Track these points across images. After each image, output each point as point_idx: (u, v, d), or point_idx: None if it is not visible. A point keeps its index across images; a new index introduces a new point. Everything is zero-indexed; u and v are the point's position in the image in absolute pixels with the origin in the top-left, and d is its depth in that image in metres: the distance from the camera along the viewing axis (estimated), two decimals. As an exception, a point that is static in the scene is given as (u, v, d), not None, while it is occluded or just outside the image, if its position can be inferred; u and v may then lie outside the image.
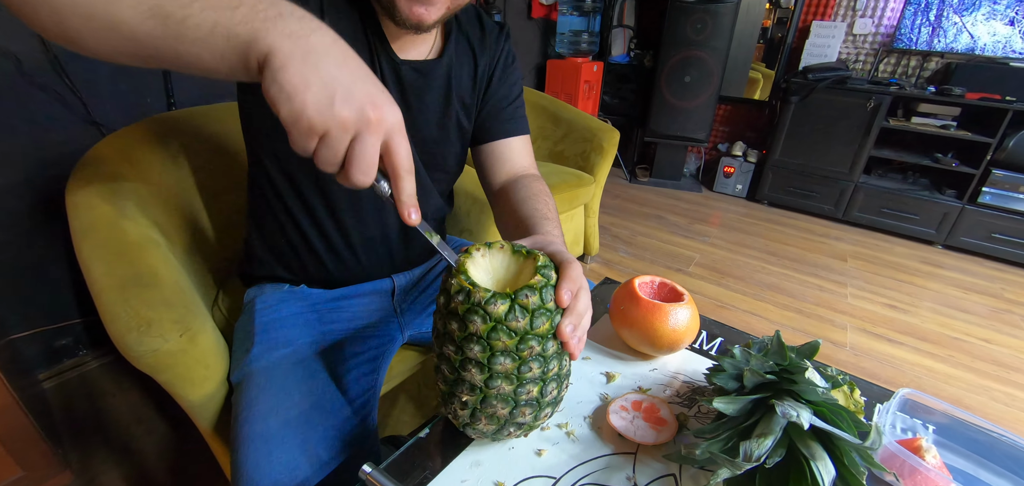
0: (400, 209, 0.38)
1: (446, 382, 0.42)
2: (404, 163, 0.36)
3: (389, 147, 0.35)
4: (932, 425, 0.50)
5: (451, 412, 0.43)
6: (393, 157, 0.36)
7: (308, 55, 0.32)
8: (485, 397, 0.39)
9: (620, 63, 3.18)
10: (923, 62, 2.51)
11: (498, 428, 0.42)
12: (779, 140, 2.69)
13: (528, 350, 0.38)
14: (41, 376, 1.23)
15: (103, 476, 1.02)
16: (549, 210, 0.60)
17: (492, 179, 0.72)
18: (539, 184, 0.66)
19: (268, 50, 0.31)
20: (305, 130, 0.32)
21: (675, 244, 2.33)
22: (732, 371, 0.44)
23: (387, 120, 0.34)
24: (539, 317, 0.38)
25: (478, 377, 0.38)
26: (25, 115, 1.05)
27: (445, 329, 0.40)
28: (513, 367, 0.38)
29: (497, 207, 0.70)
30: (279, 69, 0.31)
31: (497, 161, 0.71)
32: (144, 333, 0.53)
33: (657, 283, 0.60)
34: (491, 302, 0.36)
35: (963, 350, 1.66)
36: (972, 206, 2.29)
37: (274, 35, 0.31)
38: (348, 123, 0.32)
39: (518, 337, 0.37)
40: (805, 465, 0.34)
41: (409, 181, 0.37)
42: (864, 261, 2.27)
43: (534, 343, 0.38)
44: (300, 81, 0.31)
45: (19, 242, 1.12)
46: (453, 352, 0.39)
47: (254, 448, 0.50)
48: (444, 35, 0.65)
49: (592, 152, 1.72)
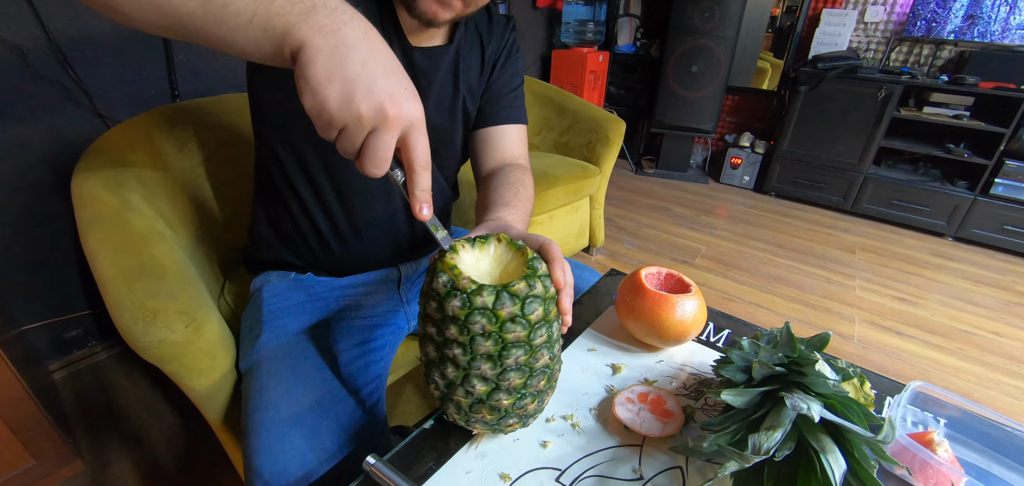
0: (412, 202, 0.39)
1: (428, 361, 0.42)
2: (420, 158, 0.37)
3: (407, 142, 0.36)
4: (943, 418, 0.49)
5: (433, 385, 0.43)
6: (410, 152, 0.37)
7: (336, 49, 0.33)
8: (466, 375, 0.39)
9: (626, 53, 3.15)
10: (936, 50, 2.46)
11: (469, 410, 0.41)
12: (787, 131, 2.65)
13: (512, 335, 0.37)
14: (51, 367, 1.25)
15: (114, 465, 1.04)
16: (516, 197, 0.61)
17: (482, 165, 0.72)
18: (519, 173, 0.67)
19: (300, 43, 0.33)
20: (325, 123, 0.34)
21: (681, 236, 2.32)
22: (740, 363, 0.44)
23: (404, 116, 0.35)
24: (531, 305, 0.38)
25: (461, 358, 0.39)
26: (30, 107, 1.06)
27: (426, 311, 0.40)
28: (495, 349, 0.38)
29: (478, 193, 0.71)
30: (307, 62, 0.32)
31: (490, 147, 0.71)
32: (150, 324, 0.53)
33: (664, 274, 0.60)
34: (476, 292, 0.36)
35: (973, 343, 1.64)
36: (984, 198, 2.25)
37: (306, 29, 0.33)
38: (364, 119, 0.34)
39: (498, 323, 0.37)
40: (815, 458, 0.34)
41: (424, 176, 0.38)
42: (873, 253, 2.24)
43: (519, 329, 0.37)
44: (324, 76, 0.32)
45: (27, 234, 1.13)
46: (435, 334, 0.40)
47: (264, 438, 0.50)
48: (453, 25, 0.66)
49: (598, 143, 1.70)
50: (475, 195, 1.20)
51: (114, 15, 0.35)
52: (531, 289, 0.38)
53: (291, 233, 0.70)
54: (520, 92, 0.74)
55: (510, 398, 0.40)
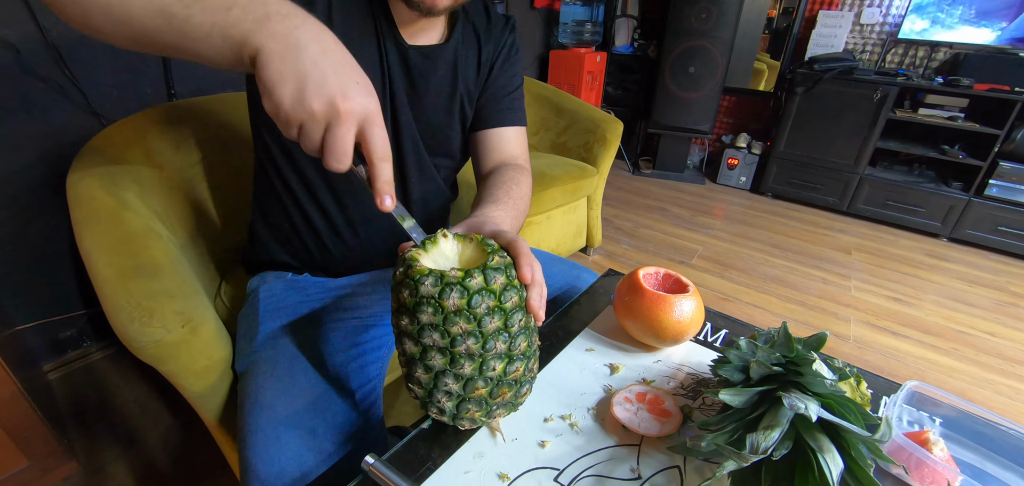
0: (375, 195, 0.39)
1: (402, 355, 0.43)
2: (378, 150, 0.38)
3: (364, 134, 0.37)
4: (939, 418, 0.49)
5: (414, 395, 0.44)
6: (368, 144, 0.38)
7: (288, 51, 0.34)
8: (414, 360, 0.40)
9: (624, 53, 3.15)
10: (931, 52, 2.48)
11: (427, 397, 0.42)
12: (784, 132, 2.66)
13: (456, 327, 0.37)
14: (46, 367, 1.24)
15: (109, 466, 1.03)
16: (507, 195, 0.60)
17: (482, 167, 0.72)
18: (515, 172, 0.67)
19: (256, 49, 0.34)
20: (283, 122, 0.35)
21: (678, 236, 2.32)
22: (738, 363, 0.44)
23: (357, 110, 0.36)
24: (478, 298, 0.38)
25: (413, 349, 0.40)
26: (25, 105, 1.05)
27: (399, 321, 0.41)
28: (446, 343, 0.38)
29: (479, 187, 0.70)
30: (263, 67, 0.34)
31: (490, 149, 0.71)
32: (146, 324, 0.53)
33: (661, 274, 0.60)
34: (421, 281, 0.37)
35: (967, 343, 1.65)
36: (978, 199, 2.27)
37: (261, 35, 0.34)
38: (317, 115, 0.35)
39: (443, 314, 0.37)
40: (812, 457, 0.34)
41: (384, 167, 0.39)
42: (868, 254, 2.26)
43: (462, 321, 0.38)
44: (278, 77, 0.34)
45: (22, 233, 1.12)
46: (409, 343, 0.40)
47: (262, 437, 0.50)
48: (450, 23, 0.65)
49: (595, 143, 1.70)
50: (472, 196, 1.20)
51: (95, 34, 0.37)
52: (471, 277, 0.37)
53: (288, 232, 0.70)
54: (519, 94, 0.74)
55: (458, 383, 0.40)
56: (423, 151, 0.68)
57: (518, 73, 0.73)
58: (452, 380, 0.40)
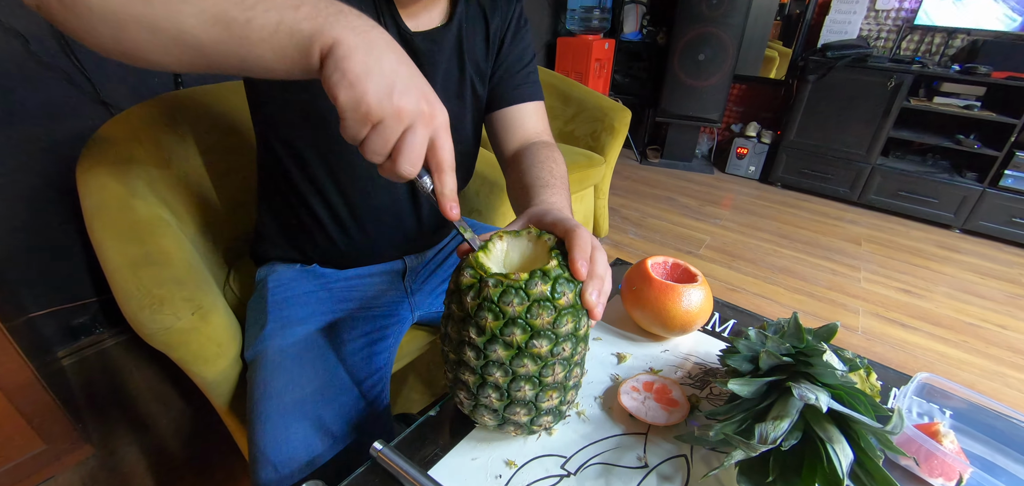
0: (441, 202, 0.39)
1: (450, 365, 0.41)
2: (448, 159, 0.38)
3: (435, 143, 0.37)
4: (949, 410, 0.49)
5: (456, 398, 0.43)
6: (438, 152, 0.37)
7: (371, 47, 0.33)
8: (483, 383, 0.38)
9: (632, 40, 3.11)
10: (948, 39, 2.42)
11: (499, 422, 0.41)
12: (795, 120, 2.62)
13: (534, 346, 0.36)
14: (60, 354, 1.26)
15: (123, 450, 1.05)
16: (552, 176, 0.58)
17: (504, 147, 0.70)
18: (548, 150, 0.64)
19: (334, 41, 0.33)
20: (362, 116, 0.33)
21: (686, 226, 2.31)
22: (747, 353, 0.44)
23: (438, 116, 0.36)
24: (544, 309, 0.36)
25: (476, 363, 0.38)
26: (34, 95, 1.06)
27: (450, 313, 0.40)
28: (507, 355, 0.36)
29: (508, 177, 0.68)
30: (343, 57, 0.32)
31: (509, 128, 0.69)
32: (156, 311, 0.54)
33: (670, 264, 0.59)
34: (503, 297, 0.35)
35: (978, 336, 1.63)
36: (993, 189, 2.22)
37: (339, 28, 0.33)
38: (404, 114, 0.34)
39: (529, 334, 0.36)
40: (821, 448, 0.34)
41: (451, 177, 0.39)
42: (879, 245, 2.23)
43: (541, 342, 0.36)
44: (363, 70, 0.33)
45: (34, 221, 1.14)
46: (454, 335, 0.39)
47: (271, 425, 0.51)
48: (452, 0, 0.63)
49: (603, 132, 1.69)
50: (480, 186, 1.20)
51: (131, 60, 0.35)
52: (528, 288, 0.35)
53: (294, 228, 0.69)
54: (533, 67, 0.71)
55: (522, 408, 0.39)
56: None
57: (530, 44, 0.70)
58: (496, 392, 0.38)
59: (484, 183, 1.21)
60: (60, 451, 0.96)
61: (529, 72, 0.70)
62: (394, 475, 0.40)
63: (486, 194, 1.21)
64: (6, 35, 0.99)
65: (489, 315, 0.35)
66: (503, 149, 0.70)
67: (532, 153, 0.63)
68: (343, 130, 0.34)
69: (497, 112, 0.69)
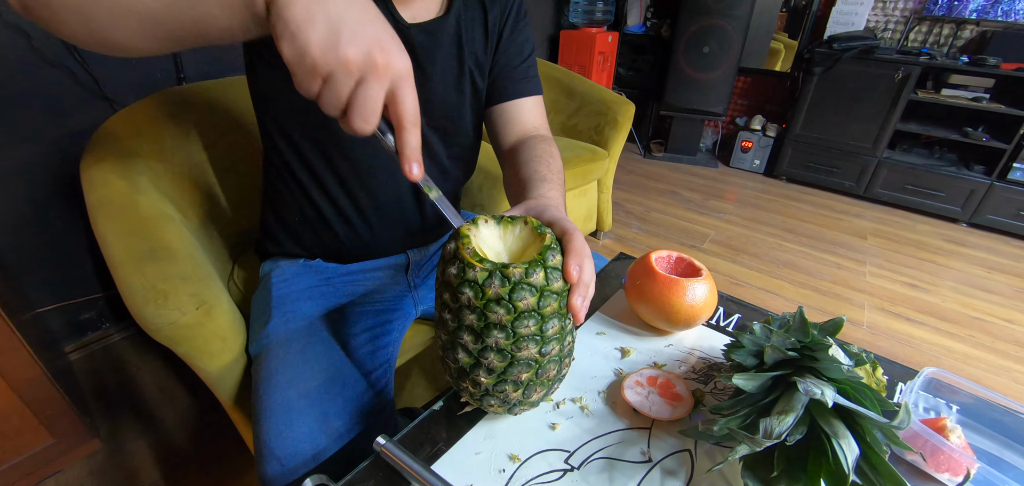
0: (402, 162, 0.36)
1: (442, 346, 0.42)
2: (410, 114, 0.35)
3: (395, 95, 0.34)
4: (956, 405, 0.49)
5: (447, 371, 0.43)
6: (399, 106, 0.34)
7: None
8: (477, 363, 0.39)
9: (636, 33, 3.09)
10: (957, 30, 2.39)
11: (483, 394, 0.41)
12: (800, 113, 2.60)
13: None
14: (67, 348, 1.27)
15: (130, 444, 1.06)
16: (549, 171, 0.58)
17: (502, 141, 0.69)
18: (545, 144, 0.64)
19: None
20: (308, 70, 0.31)
21: (689, 220, 2.30)
22: (752, 347, 0.43)
23: (394, 66, 0.33)
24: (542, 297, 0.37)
25: (471, 345, 0.38)
26: (38, 91, 1.06)
27: (441, 294, 0.40)
28: (508, 343, 0.37)
29: (504, 170, 0.68)
30: (285, 5, 0.30)
31: (508, 122, 0.69)
32: (161, 306, 0.54)
33: (674, 258, 0.59)
34: (487, 281, 0.36)
35: (984, 330, 1.62)
36: (1001, 183, 2.20)
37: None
38: (352, 65, 0.31)
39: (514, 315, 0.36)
40: (827, 443, 0.33)
41: (414, 133, 0.36)
42: (884, 239, 2.21)
43: (530, 322, 0.37)
44: (305, 17, 0.30)
45: (40, 217, 1.15)
46: (449, 318, 0.39)
47: (275, 419, 0.51)
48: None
49: (606, 126, 1.68)
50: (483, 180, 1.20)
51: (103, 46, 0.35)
52: (527, 277, 0.36)
53: (298, 224, 0.69)
54: (532, 61, 0.70)
55: (489, 378, 0.39)
56: (434, 136, 0.66)
57: (529, 37, 0.70)
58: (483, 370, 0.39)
59: (487, 177, 1.21)
60: (68, 445, 0.97)
61: (528, 66, 0.69)
62: (398, 470, 0.40)
63: (489, 188, 1.21)
64: (9, 31, 0.99)
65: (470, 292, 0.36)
66: (500, 143, 0.70)
67: (530, 147, 0.63)
68: (296, 85, 0.32)
69: (497, 107, 0.69)
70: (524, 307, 0.37)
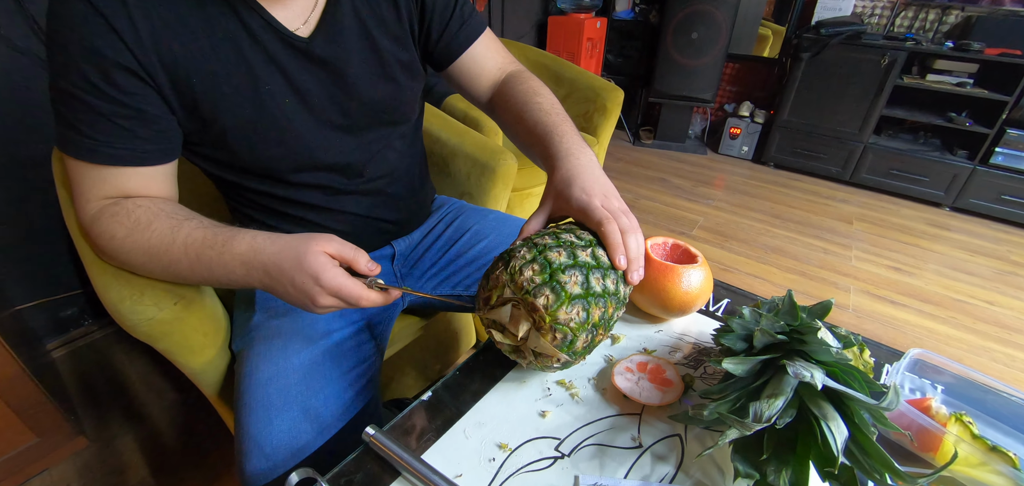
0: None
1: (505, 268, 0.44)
2: (351, 296, 0.46)
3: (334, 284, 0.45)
4: (941, 385, 0.49)
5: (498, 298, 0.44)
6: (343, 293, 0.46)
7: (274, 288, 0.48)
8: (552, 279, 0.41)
9: (624, 19, 3.06)
10: (942, 15, 2.41)
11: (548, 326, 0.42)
12: (788, 99, 2.61)
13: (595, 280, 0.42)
14: (50, 346, 1.24)
15: (117, 440, 1.05)
16: (549, 115, 0.57)
17: (477, 91, 0.67)
18: (531, 81, 0.63)
19: (258, 286, 0.48)
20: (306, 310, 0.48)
21: (679, 207, 2.31)
22: (741, 332, 0.43)
23: (320, 303, 0.46)
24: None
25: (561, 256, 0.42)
26: (7, 80, 1.02)
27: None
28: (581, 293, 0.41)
29: (496, 116, 0.66)
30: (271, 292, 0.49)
31: (472, 76, 0.66)
32: (137, 302, 0.52)
33: (669, 245, 0.59)
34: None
35: (966, 312, 1.65)
36: (983, 167, 2.24)
37: (254, 281, 0.48)
38: (315, 308, 0.47)
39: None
40: (816, 425, 0.33)
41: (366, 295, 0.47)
42: (870, 224, 2.24)
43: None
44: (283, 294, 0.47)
45: (17, 211, 1.11)
46: None
47: (256, 415, 0.50)
48: None
49: (595, 113, 1.67)
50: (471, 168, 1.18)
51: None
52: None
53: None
54: (464, 1, 0.64)
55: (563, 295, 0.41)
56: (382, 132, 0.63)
57: None
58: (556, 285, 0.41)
59: (475, 165, 1.19)
60: (53, 443, 0.95)
61: (463, 9, 0.64)
62: (387, 460, 0.40)
63: (477, 176, 1.19)
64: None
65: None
66: (475, 94, 0.68)
67: (519, 89, 0.61)
68: None
69: (450, 68, 0.66)
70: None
